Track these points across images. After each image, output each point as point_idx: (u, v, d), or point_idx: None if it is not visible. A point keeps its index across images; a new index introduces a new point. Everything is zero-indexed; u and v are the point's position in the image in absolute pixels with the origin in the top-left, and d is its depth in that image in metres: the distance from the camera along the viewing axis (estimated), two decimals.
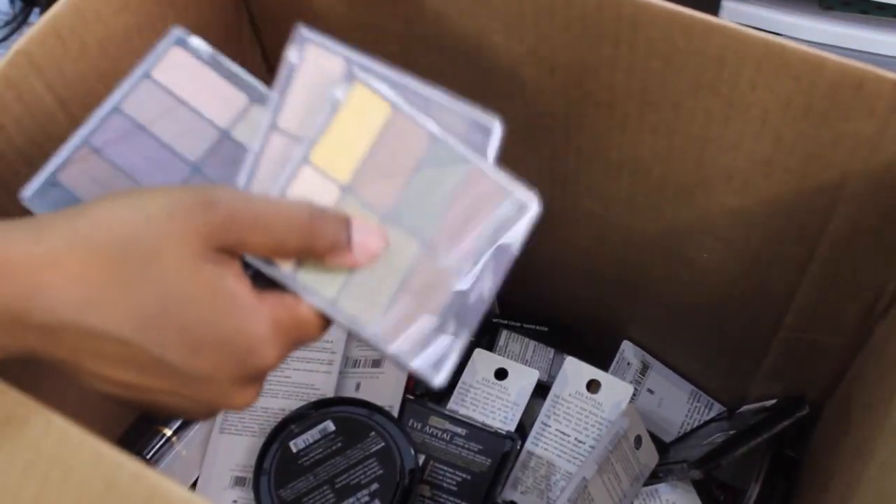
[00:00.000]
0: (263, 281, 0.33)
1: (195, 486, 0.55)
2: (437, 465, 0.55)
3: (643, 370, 0.64)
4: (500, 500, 0.54)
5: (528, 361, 0.63)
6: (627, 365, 0.63)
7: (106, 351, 0.30)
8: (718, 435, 0.57)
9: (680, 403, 0.63)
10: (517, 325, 0.67)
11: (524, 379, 0.58)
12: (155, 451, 0.57)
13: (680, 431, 0.63)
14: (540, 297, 0.65)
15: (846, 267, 0.45)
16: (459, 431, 0.56)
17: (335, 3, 0.48)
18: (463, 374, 0.59)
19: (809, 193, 0.43)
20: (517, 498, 0.55)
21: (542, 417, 0.57)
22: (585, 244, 0.57)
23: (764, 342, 0.55)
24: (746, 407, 0.61)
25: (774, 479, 0.54)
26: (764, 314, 0.53)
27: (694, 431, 0.62)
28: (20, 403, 0.29)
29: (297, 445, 0.54)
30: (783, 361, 0.55)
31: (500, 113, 0.49)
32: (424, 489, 0.54)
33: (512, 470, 0.55)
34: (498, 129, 0.38)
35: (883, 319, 0.46)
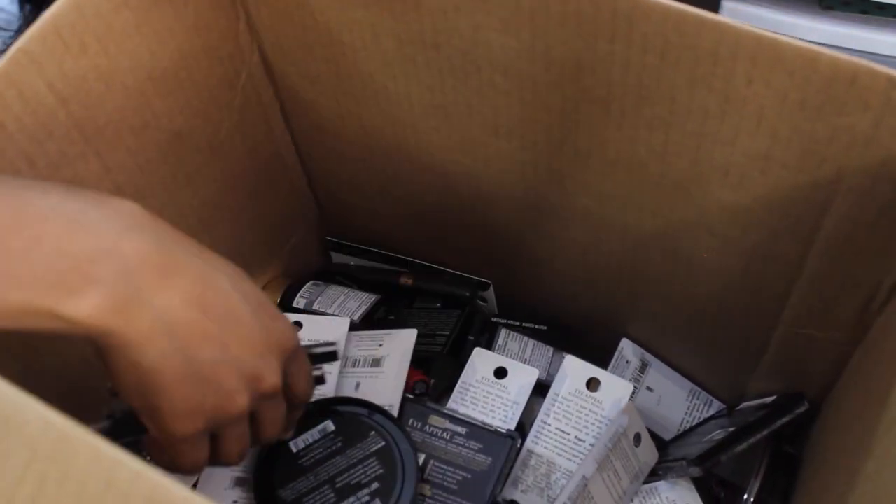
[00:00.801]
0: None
1: (196, 485, 0.55)
2: (437, 464, 0.55)
3: (642, 368, 0.64)
4: (500, 499, 0.54)
5: (526, 360, 0.63)
6: (626, 363, 0.63)
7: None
8: (718, 432, 0.57)
9: (679, 401, 0.63)
10: (516, 324, 0.67)
11: (524, 378, 0.58)
12: None
13: (679, 429, 0.63)
14: (538, 295, 0.66)
15: (843, 262, 0.46)
16: (460, 430, 0.56)
17: (331, 1, 0.48)
18: (463, 373, 0.59)
19: (806, 189, 0.43)
20: (517, 497, 0.55)
21: (541, 416, 0.57)
22: (582, 242, 0.57)
23: (762, 338, 0.55)
24: (746, 404, 0.61)
25: (774, 475, 0.54)
26: (761, 310, 0.53)
27: (693, 429, 0.62)
28: (18, 401, 0.29)
29: (296, 445, 0.54)
30: (782, 357, 0.55)
31: (495, 109, 0.50)
32: (425, 488, 0.54)
33: (512, 468, 0.55)
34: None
35: (880, 315, 0.47)
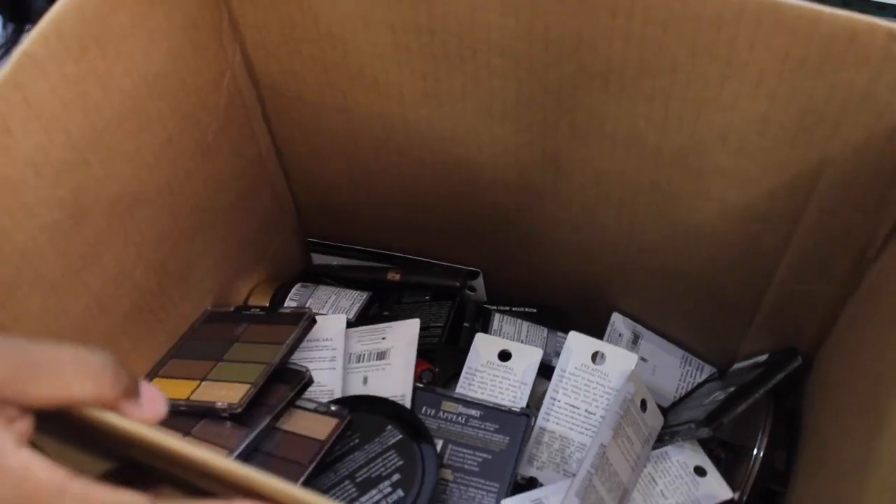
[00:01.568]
0: None
1: None
2: (456, 448, 0.55)
3: (634, 340, 0.65)
4: (518, 478, 0.55)
5: (523, 342, 0.64)
6: (619, 336, 0.65)
7: None
8: (718, 394, 0.59)
9: (672, 369, 0.65)
10: (506, 308, 0.68)
11: (528, 358, 0.59)
12: None
13: (675, 396, 0.65)
14: (528, 278, 0.66)
15: (838, 216, 0.48)
16: (474, 413, 0.56)
17: None
18: (467, 359, 0.59)
19: (803, 147, 0.45)
20: (534, 473, 0.56)
21: (550, 392, 0.58)
22: (576, 220, 0.58)
23: (755, 299, 0.57)
24: (738, 365, 0.63)
25: (778, 430, 0.56)
26: (756, 270, 0.55)
27: (689, 394, 0.64)
28: None
29: None
30: (774, 316, 0.57)
31: (491, 93, 0.50)
32: (446, 473, 0.54)
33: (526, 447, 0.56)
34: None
35: (874, 263, 0.49)
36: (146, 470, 0.34)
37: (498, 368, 0.59)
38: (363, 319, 0.63)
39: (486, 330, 0.64)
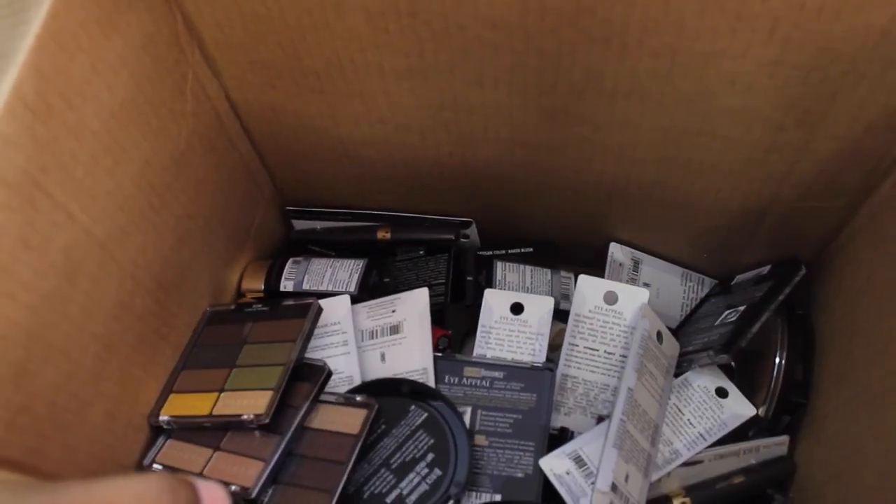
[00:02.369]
0: None
1: None
2: (485, 413, 0.55)
3: (635, 267, 0.65)
4: (550, 430, 0.56)
5: (529, 288, 0.63)
6: (619, 265, 0.65)
7: None
8: (728, 313, 0.59)
9: (675, 287, 0.66)
10: (501, 252, 0.67)
11: (541, 307, 0.59)
12: None
13: (682, 314, 0.65)
14: (522, 222, 0.65)
15: (850, 141, 0.47)
16: (497, 375, 0.56)
17: None
18: (480, 316, 0.59)
19: (816, 83, 0.44)
20: (562, 421, 0.57)
21: (568, 338, 0.58)
22: (573, 165, 0.56)
23: (758, 217, 0.57)
24: (740, 277, 0.64)
25: (794, 339, 0.58)
26: (759, 193, 0.54)
27: (695, 311, 0.65)
28: None
29: None
30: (777, 231, 0.58)
31: (481, 62, 0.47)
32: (480, 439, 0.55)
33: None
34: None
35: (887, 177, 0.49)
36: None
37: (512, 322, 0.59)
38: (365, 290, 0.62)
39: (490, 282, 0.63)
